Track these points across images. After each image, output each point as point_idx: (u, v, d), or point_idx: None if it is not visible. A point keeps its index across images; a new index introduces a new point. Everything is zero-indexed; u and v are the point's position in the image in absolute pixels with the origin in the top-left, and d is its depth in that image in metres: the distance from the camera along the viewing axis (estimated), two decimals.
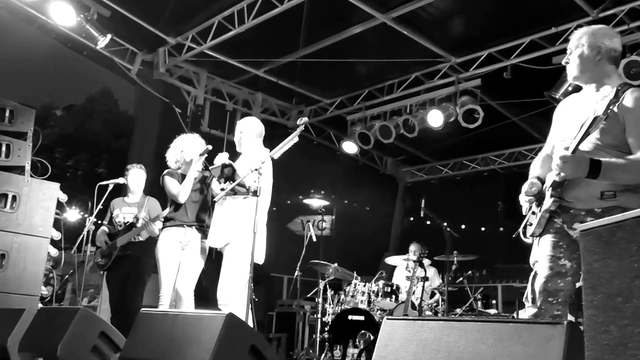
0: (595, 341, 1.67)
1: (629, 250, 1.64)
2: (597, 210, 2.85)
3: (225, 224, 4.77)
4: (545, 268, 2.99)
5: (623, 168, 2.77)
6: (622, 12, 6.56)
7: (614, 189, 2.83)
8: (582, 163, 2.75)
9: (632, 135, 2.82)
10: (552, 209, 2.96)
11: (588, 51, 3.02)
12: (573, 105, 3.13)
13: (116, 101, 31.29)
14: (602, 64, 3.03)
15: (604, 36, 3.06)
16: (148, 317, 3.41)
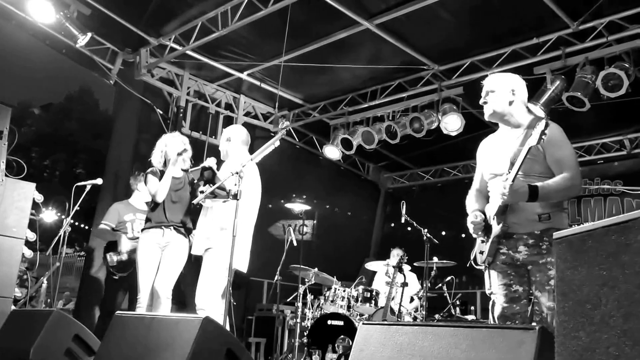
0: (565, 347, 1.68)
1: (597, 259, 1.67)
2: (536, 232, 3.34)
3: (206, 231, 4.81)
4: (501, 296, 3.45)
5: (555, 189, 3.28)
6: (601, 25, 6.64)
7: (548, 211, 3.34)
8: (522, 189, 3.22)
9: (553, 161, 3.36)
10: (500, 233, 3.40)
11: (502, 94, 3.53)
12: (495, 144, 3.66)
13: (96, 101, 31.01)
14: (516, 105, 3.54)
15: (515, 81, 3.62)
16: (123, 321, 3.39)
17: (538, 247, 3.31)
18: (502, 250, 3.43)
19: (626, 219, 1.61)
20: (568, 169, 3.31)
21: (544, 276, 3.26)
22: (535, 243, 3.32)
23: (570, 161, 3.37)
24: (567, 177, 3.28)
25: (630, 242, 1.59)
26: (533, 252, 3.32)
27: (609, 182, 9.33)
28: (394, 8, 6.83)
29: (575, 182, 3.33)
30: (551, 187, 3.26)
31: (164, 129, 8.44)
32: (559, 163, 3.34)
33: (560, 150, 3.36)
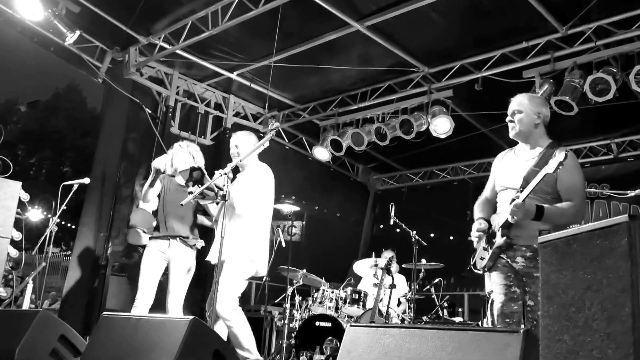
0: (549, 349, 1.70)
1: (582, 262, 1.68)
2: (534, 246, 3.47)
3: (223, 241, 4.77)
4: (500, 295, 3.62)
5: (560, 214, 3.50)
6: (589, 30, 6.68)
7: (547, 228, 3.45)
8: (531, 209, 3.43)
9: (563, 188, 3.55)
10: (503, 245, 3.60)
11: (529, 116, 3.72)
12: (511, 159, 3.87)
13: (84, 99, 30.83)
14: (539, 128, 3.74)
15: (541, 105, 3.81)
16: (110, 321, 3.38)
17: (535, 260, 3.48)
18: (503, 259, 3.64)
19: (610, 224, 1.63)
20: (576, 198, 3.53)
21: (537, 288, 3.35)
22: (532, 256, 3.52)
23: (579, 190, 3.59)
24: (573, 205, 3.51)
25: (614, 247, 1.60)
26: (529, 264, 3.53)
27: (596, 186, 9.39)
28: (385, 10, 6.83)
29: (580, 212, 3.55)
30: (557, 211, 3.48)
31: (152, 128, 8.42)
32: (568, 190, 3.54)
33: (572, 178, 3.56)
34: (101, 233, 7.80)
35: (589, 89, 6.74)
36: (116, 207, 8.04)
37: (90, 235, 7.74)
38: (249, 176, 4.98)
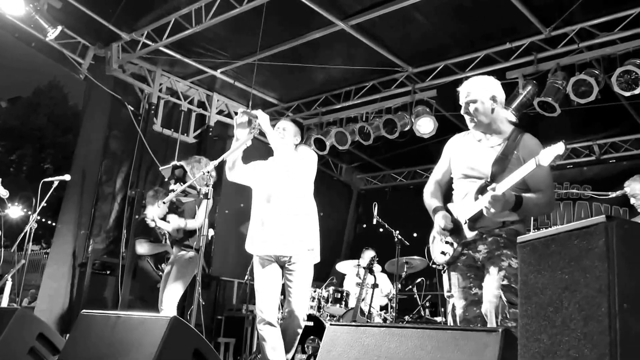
0: (527, 349, 1.71)
1: (560, 263, 1.69)
2: (496, 231, 3.37)
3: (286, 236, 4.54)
4: (460, 300, 3.43)
5: (534, 204, 3.31)
6: (572, 32, 6.74)
7: (513, 220, 3.36)
8: (511, 200, 3.21)
9: (534, 179, 3.29)
10: (471, 240, 3.40)
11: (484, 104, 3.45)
12: (472, 145, 3.58)
13: (65, 95, 30.56)
14: (497, 111, 3.48)
15: (493, 86, 3.53)
16: (89, 319, 3.35)
17: (496, 242, 3.34)
18: (464, 251, 3.45)
19: (588, 224, 1.64)
20: (546, 188, 3.36)
21: (495, 266, 3.28)
22: (494, 240, 3.35)
23: (549, 181, 3.41)
24: (546, 196, 3.34)
25: (592, 247, 1.61)
26: (492, 247, 3.35)
27: (578, 187, 9.46)
28: (369, 9, 6.84)
29: (551, 202, 3.42)
30: (532, 201, 3.30)
31: (134, 125, 8.36)
32: (538, 181, 3.33)
33: (542, 170, 3.26)
34: (81, 231, 7.72)
35: (571, 90, 6.80)
36: (97, 205, 7.98)
37: (69, 233, 7.66)
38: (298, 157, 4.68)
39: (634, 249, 1.60)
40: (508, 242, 3.30)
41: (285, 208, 4.48)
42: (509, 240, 3.31)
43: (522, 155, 3.32)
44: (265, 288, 4.50)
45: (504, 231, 3.35)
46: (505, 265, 3.25)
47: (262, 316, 4.42)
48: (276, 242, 4.47)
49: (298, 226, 4.50)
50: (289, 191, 4.51)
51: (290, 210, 4.48)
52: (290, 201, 4.50)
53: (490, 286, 3.26)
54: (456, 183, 3.63)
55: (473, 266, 3.43)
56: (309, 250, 4.53)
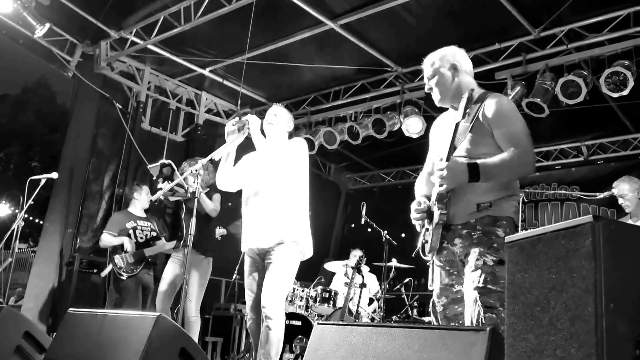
0: (514, 348, 1.71)
1: (547, 262, 1.70)
2: (471, 222, 3.02)
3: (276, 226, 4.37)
4: (442, 297, 3.15)
5: (501, 164, 2.89)
6: (561, 33, 6.77)
7: (489, 199, 2.99)
8: (459, 168, 2.88)
9: (500, 137, 2.98)
10: (441, 221, 3.06)
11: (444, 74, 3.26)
12: (443, 123, 3.32)
13: (53, 93, 30.41)
14: (460, 77, 3.25)
15: (454, 54, 3.36)
16: (75, 318, 3.33)
17: (470, 237, 3.01)
18: (444, 244, 3.13)
19: (575, 224, 1.64)
20: (517, 144, 2.92)
21: (470, 266, 2.97)
22: (468, 233, 3.02)
23: (521, 135, 2.98)
24: (515, 152, 2.90)
25: (579, 247, 1.61)
26: (465, 243, 3.03)
27: (566, 188, 9.50)
28: (358, 9, 6.84)
29: (525, 158, 2.95)
30: (495, 164, 2.89)
31: (122, 123, 8.32)
32: (509, 138, 2.96)
33: (510, 125, 2.99)
34: (69, 229, 7.69)
35: (560, 91, 6.83)
36: (85, 203, 7.94)
37: (56, 232, 7.62)
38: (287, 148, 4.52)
39: (621, 249, 1.60)
40: (482, 236, 2.96)
41: (270, 200, 4.32)
42: (483, 234, 2.97)
43: (485, 120, 3.03)
44: (249, 285, 4.40)
45: (479, 221, 2.99)
46: (481, 264, 2.92)
47: (250, 315, 4.37)
48: (259, 234, 4.32)
49: (282, 218, 4.31)
50: (277, 183, 4.35)
51: (276, 203, 4.31)
52: (277, 193, 4.33)
53: (468, 294, 2.97)
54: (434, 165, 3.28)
55: (454, 261, 3.13)
56: (293, 242, 4.31)
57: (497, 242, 2.94)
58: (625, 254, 1.61)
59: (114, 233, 6.67)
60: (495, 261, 2.91)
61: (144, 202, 6.95)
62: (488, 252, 2.94)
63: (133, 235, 6.70)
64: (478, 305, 2.87)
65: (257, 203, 4.35)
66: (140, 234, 6.76)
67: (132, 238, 6.67)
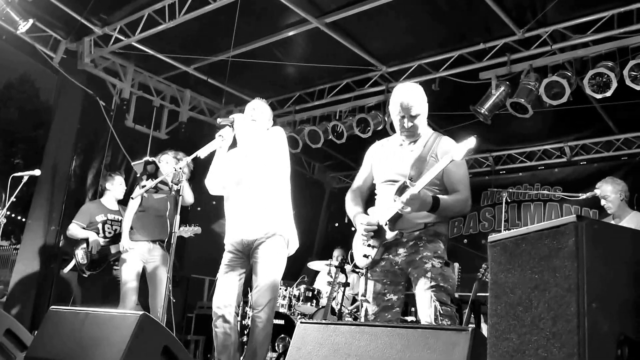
0: (496, 348, 1.71)
1: (530, 262, 1.70)
2: (415, 234, 3.45)
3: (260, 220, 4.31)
4: (373, 305, 3.51)
5: (453, 205, 3.41)
6: (546, 34, 6.79)
7: (434, 221, 3.45)
8: (427, 199, 3.29)
9: (451, 180, 3.47)
10: (392, 240, 3.43)
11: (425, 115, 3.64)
12: (391, 150, 3.70)
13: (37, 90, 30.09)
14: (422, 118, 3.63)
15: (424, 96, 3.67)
16: (57, 316, 3.30)
17: (416, 246, 3.43)
18: (384, 256, 3.51)
19: (558, 224, 1.65)
20: (464, 190, 3.47)
21: (420, 270, 3.37)
22: (414, 243, 3.44)
23: (466, 182, 3.52)
24: (463, 198, 3.44)
25: (562, 247, 1.62)
26: (411, 251, 3.43)
27: (549, 188, 9.56)
28: (344, 8, 6.83)
29: (468, 204, 3.49)
30: (449, 203, 3.39)
31: (106, 120, 8.26)
32: (456, 182, 3.47)
33: (459, 170, 3.49)
34: (52, 227, 7.62)
35: (544, 92, 6.86)
36: (68, 200, 7.87)
37: (39, 229, 7.56)
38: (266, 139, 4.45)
39: (603, 249, 1.62)
40: (427, 244, 3.41)
41: (254, 191, 4.28)
42: (428, 242, 3.43)
43: (440, 156, 3.44)
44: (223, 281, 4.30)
45: (423, 233, 3.44)
46: (430, 267, 3.35)
47: (216, 312, 4.26)
48: (244, 226, 4.27)
49: (267, 209, 4.28)
50: (258, 173, 4.30)
51: (259, 193, 4.27)
52: (260, 184, 4.28)
53: (422, 294, 3.34)
54: (378, 188, 3.72)
55: (390, 271, 3.50)
56: (280, 234, 4.30)
57: (440, 249, 3.45)
58: (607, 254, 1.62)
59: (83, 224, 6.53)
60: (442, 263, 3.39)
61: (116, 193, 6.72)
62: (434, 257, 3.38)
63: (102, 230, 6.54)
64: (434, 301, 3.27)
65: (240, 195, 4.31)
66: (109, 228, 6.57)
67: (101, 232, 6.51)
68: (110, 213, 6.69)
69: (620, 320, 1.59)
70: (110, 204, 6.75)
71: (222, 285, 4.30)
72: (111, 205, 6.75)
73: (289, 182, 4.51)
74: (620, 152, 9.10)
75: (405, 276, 3.51)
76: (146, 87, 9.00)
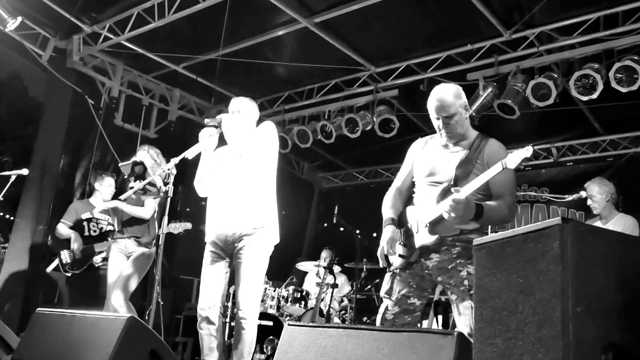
0: (482, 352, 1.72)
1: (516, 266, 1.71)
2: (448, 240, 3.34)
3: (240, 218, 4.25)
4: (395, 307, 3.45)
5: (497, 212, 3.27)
6: (533, 35, 6.83)
7: (471, 228, 3.33)
8: (471, 206, 3.14)
9: (497, 185, 3.29)
10: (431, 244, 3.34)
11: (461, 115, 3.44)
12: (436, 150, 3.56)
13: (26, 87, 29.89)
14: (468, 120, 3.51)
15: (463, 95, 3.51)
16: (44, 318, 3.28)
17: (449, 252, 3.32)
18: (419, 259, 3.43)
19: (543, 227, 1.66)
20: (509, 195, 3.33)
21: (457, 279, 3.28)
22: (448, 249, 3.33)
23: (513, 187, 3.38)
24: (505, 204, 3.29)
25: (547, 250, 1.63)
26: (444, 257, 3.34)
27: (536, 189, 9.62)
28: (333, 7, 6.83)
29: (512, 210, 3.36)
30: (493, 211, 3.25)
31: (95, 119, 8.22)
32: (502, 187, 3.30)
33: (505, 176, 3.26)
34: (40, 226, 7.58)
35: (530, 93, 6.90)
36: (56, 199, 7.82)
37: (27, 228, 7.52)
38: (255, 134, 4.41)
39: (589, 252, 1.62)
40: (462, 251, 3.30)
41: (239, 188, 4.23)
42: (462, 249, 3.30)
43: (487, 160, 3.31)
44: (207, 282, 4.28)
45: (456, 239, 3.33)
46: (465, 275, 3.26)
47: (200, 314, 4.21)
48: (227, 221, 4.22)
49: (251, 205, 4.22)
50: (247, 170, 4.25)
51: (244, 189, 4.22)
52: (246, 180, 4.23)
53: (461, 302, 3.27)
54: (418, 187, 3.59)
55: (419, 275, 3.43)
56: (262, 228, 4.23)
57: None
58: (593, 257, 1.63)
59: (69, 223, 6.51)
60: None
61: (105, 194, 6.65)
62: (469, 263, 3.24)
63: (87, 228, 6.53)
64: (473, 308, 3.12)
65: (227, 191, 4.28)
66: (95, 227, 6.56)
67: (86, 230, 6.50)
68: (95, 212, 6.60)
69: (606, 324, 1.60)
70: (98, 203, 6.66)
71: (206, 286, 4.26)
72: (98, 204, 6.62)
73: (274, 176, 4.45)
74: (606, 153, 9.17)
75: (432, 284, 3.46)
76: (135, 85, 8.95)
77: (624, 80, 6.32)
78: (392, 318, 3.44)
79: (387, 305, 3.50)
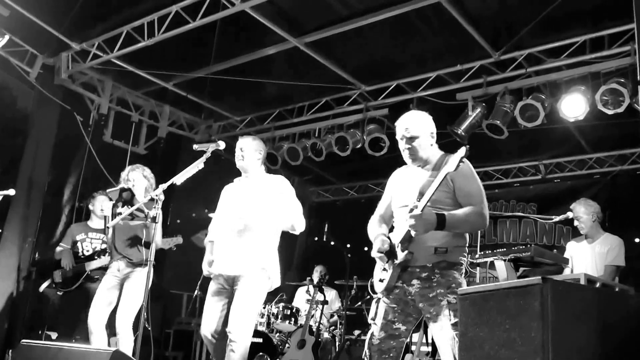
0: None
1: (498, 319, 1.74)
2: (428, 266, 3.43)
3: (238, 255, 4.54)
4: (381, 332, 3.53)
5: (463, 219, 3.38)
6: (521, 56, 6.91)
7: (446, 246, 3.43)
8: (430, 218, 3.27)
9: (463, 195, 3.46)
10: (403, 261, 3.42)
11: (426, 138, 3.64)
12: (407, 176, 3.73)
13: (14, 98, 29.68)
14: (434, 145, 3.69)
15: (431, 122, 3.72)
16: (28, 349, 3.26)
17: (429, 280, 3.40)
18: (399, 284, 3.51)
19: (525, 284, 1.69)
20: (477, 202, 3.44)
21: (438, 308, 3.33)
22: (427, 276, 3.41)
23: (479, 195, 3.49)
24: (474, 210, 3.40)
25: (528, 306, 1.66)
26: (425, 285, 3.40)
27: (524, 204, 9.72)
28: (323, 28, 6.86)
29: (483, 215, 3.44)
30: (459, 217, 3.37)
31: (84, 136, 8.20)
32: (468, 196, 3.46)
33: (470, 184, 3.48)
34: (26, 244, 7.53)
35: (519, 114, 6.97)
36: (44, 216, 7.79)
37: (14, 245, 7.46)
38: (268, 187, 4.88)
39: (568, 308, 1.65)
40: (440, 279, 3.39)
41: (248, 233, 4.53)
42: (441, 276, 3.39)
43: (451, 177, 3.42)
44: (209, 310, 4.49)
45: (436, 265, 3.41)
46: (445, 304, 3.30)
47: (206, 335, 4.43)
48: (229, 262, 4.48)
49: (254, 249, 4.51)
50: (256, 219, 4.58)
51: (252, 236, 4.53)
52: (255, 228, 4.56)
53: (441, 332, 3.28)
54: (395, 214, 3.76)
55: (402, 300, 3.51)
56: (262, 269, 4.50)
57: (455, 283, 3.37)
58: (572, 314, 1.66)
59: (67, 246, 6.58)
60: (457, 299, 3.15)
61: (99, 213, 6.71)
62: (448, 292, 3.32)
63: (81, 247, 6.57)
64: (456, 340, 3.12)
65: (235, 233, 4.54)
66: (88, 246, 6.58)
67: (80, 249, 6.54)
68: (91, 232, 6.70)
69: None
70: (95, 223, 6.77)
71: (209, 314, 4.49)
72: (95, 224, 6.77)
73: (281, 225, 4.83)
74: (592, 171, 9.29)
75: (417, 310, 3.51)
76: (125, 102, 8.92)
77: (610, 103, 6.39)
78: (377, 343, 3.52)
79: (373, 331, 3.60)
